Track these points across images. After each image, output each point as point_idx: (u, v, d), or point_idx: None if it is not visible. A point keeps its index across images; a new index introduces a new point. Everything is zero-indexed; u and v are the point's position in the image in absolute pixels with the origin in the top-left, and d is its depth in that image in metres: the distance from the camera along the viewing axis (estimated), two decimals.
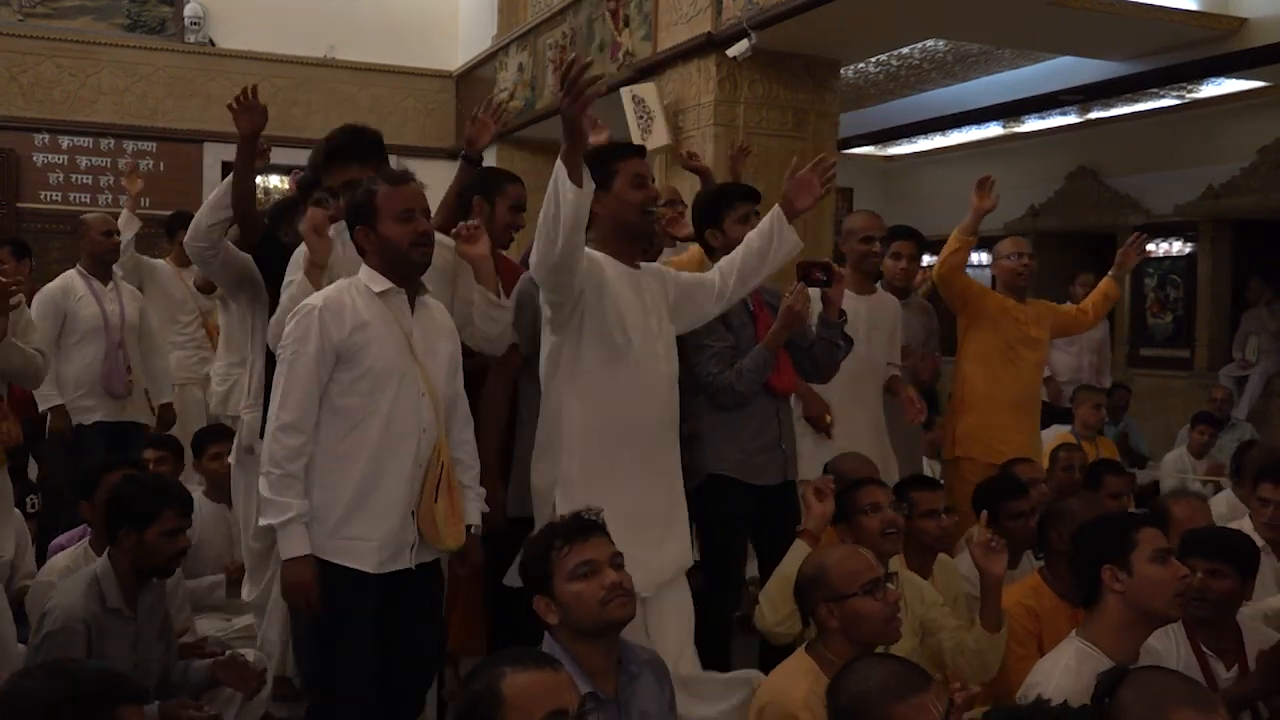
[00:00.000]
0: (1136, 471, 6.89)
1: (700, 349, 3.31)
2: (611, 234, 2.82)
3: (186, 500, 2.95)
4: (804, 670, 2.34)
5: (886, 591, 2.39)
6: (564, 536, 2.18)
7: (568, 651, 2.13)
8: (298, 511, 2.52)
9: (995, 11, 6.21)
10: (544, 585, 2.16)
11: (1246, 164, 8.77)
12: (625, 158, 2.83)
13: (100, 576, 2.81)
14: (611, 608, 2.12)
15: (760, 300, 3.44)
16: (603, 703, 2.13)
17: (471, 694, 1.72)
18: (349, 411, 2.57)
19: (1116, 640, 2.39)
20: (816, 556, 2.51)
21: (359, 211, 2.66)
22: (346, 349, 2.56)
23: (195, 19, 10.67)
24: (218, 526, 4.07)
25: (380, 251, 2.64)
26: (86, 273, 4.86)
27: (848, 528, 2.99)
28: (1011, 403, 4.25)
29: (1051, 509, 3.26)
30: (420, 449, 2.62)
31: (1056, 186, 10.29)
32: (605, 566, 2.15)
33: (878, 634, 2.38)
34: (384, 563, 2.58)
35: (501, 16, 10.77)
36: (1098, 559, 2.44)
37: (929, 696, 1.86)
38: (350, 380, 2.57)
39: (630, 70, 7.55)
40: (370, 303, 2.61)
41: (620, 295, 2.75)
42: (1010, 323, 4.26)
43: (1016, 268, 4.33)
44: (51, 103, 10.15)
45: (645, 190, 2.81)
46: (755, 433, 3.33)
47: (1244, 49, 6.27)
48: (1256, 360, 8.54)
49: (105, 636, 2.74)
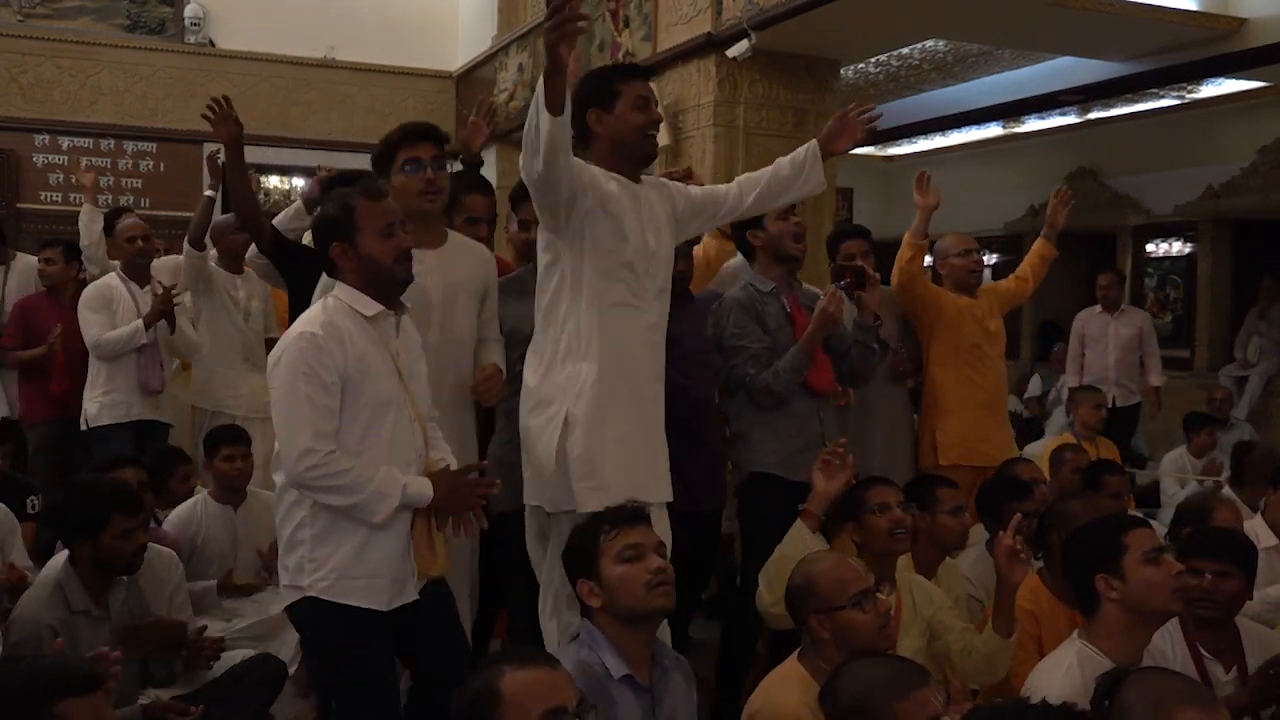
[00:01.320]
0: (1136, 471, 6.89)
1: (738, 350, 3.36)
2: (610, 153, 2.81)
3: (132, 499, 2.91)
4: (795, 678, 2.32)
5: (876, 603, 2.36)
6: (612, 521, 2.27)
7: (607, 636, 2.20)
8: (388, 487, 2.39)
9: (995, 11, 6.21)
10: (589, 568, 2.23)
11: (1246, 164, 8.77)
12: (629, 79, 2.81)
13: (62, 581, 2.80)
14: (655, 594, 2.19)
15: (798, 303, 3.47)
16: (639, 689, 2.19)
17: (471, 692, 1.72)
18: (347, 445, 2.42)
19: (1119, 643, 2.39)
20: (805, 566, 2.46)
21: (335, 226, 2.48)
22: (349, 375, 2.42)
23: (195, 19, 10.67)
24: (223, 528, 4.07)
25: (362, 269, 2.47)
26: (124, 276, 5.03)
27: (856, 527, 2.99)
28: (983, 402, 4.21)
29: (1052, 510, 3.26)
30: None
31: (1056, 187, 10.24)
32: (651, 552, 2.23)
33: (868, 645, 2.34)
34: (393, 599, 2.47)
35: (501, 16, 10.77)
36: (1090, 568, 2.43)
37: (929, 691, 1.86)
38: (350, 414, 2.42)
39: None
40: (361, 329, 2.46)
41: (624, 209, 2.75)
42: (970, 322, 4.20)
43: (968, 265, 4.26)
44: (51, 103, 10.15)
45: (647, 113, 2.79)
46: (796, 431, 3.36)
47: (1244, 49, 6.27)
48: (1257, 360, 8.53)
49: (75, 639, 2.69)
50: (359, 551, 2.43)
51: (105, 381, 4.89)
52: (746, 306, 3.40)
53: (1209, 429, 6.54)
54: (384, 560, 2.45)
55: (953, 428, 4.16)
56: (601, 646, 2.19)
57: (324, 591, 2.42)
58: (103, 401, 4.88)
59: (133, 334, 4.81)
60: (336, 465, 2.37)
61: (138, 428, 4.91)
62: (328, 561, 2.42)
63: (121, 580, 2.92)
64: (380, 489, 2.38)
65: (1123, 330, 6.76)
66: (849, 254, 3.92)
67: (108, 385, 4.88)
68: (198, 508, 4.09)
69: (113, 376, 4.88)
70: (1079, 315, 7.07)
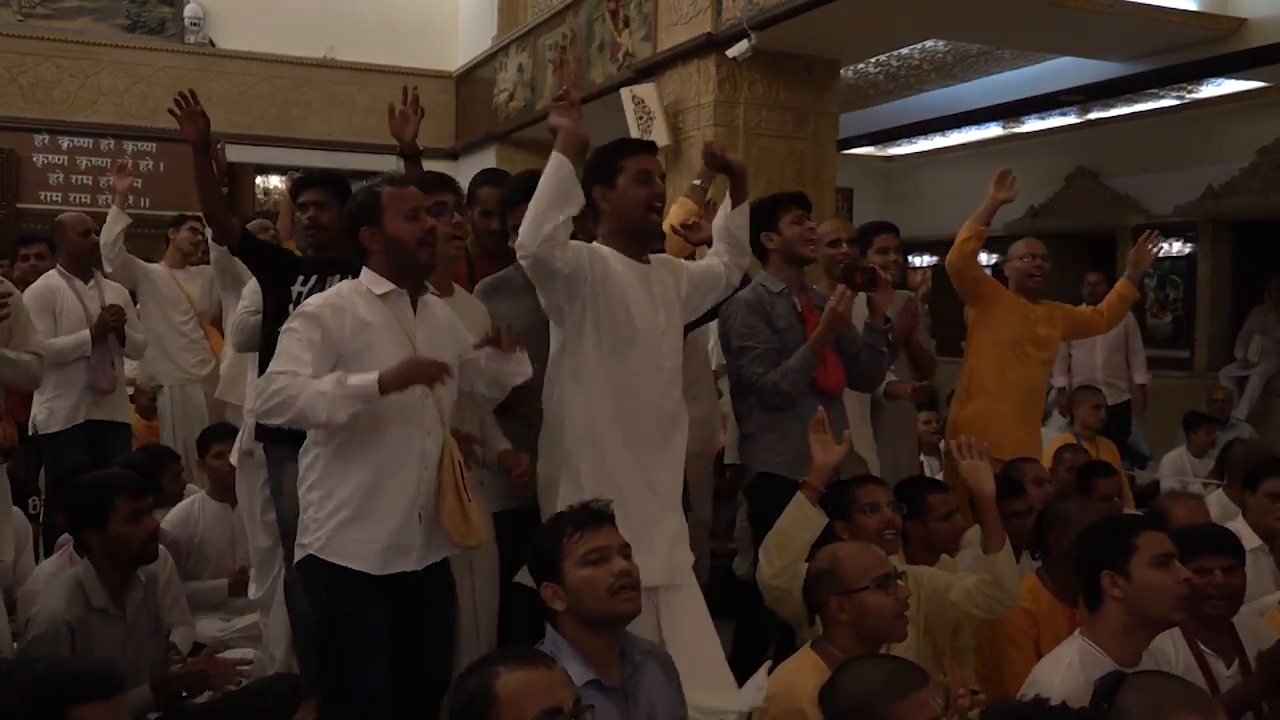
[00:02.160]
0: (1136, 471, 6.89)
1: (744, 350, 3.36)
2: (617, 231, 2.82)
3: (134, 482, 2.92)
4: (810, 666, 2.36)
5: (898, 588, 2.41)
6: (575, 524, 2.21)
7: (571, 641, 2.15)
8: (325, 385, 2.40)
9: (995, 11, 6.21)
10: (553, 571, 2.18)
11: (1246, 164, 8.77)
12: (631, 154, 2.81)
13: (82, 578, 2.81)
14: (619, 600, 2.14)
15: (810, 303, 3.48)
16: (608, 691, 2.14)
17: (465, 694, 1.72)
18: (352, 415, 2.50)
19: (1119, 642, 2.39)
20: (830, 550, 2.52)
21: (363, 213, 2.63)
22: (349, 351, 2.52)
23: (195, 19, 10.68)
24: (220, 526, 4.08)
25: (387, 250, 2.60)
26: (67, 273, 4.83)
27: (845, 525, 3.00)
28: (1015, 399, 4.23)
29: (1050, 511, 3.25)
30: (427, 451, 2.58)
31: (1056, 187, 10.29)
32: (615, 554, 2.18)
33: (886, 630, 2.39)
34: (387, 564, 2.55)
35: (501, 17, 10.78)
36: (1097, 564, 2.44)
37: (928, 693, 1.87)
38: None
39: (630, 71, 7.56)
40: (372, 305, 2.58)
41: (628, 289, 2.75)
42: (1020, 320, 4.24)
43: (1029, 269, 4.29)
44: (51, 103, 10.16)
45: (650, 187, 2.79)
46: (805, 432, 3.35)
47: (1244, 49, 6.28)
48: (1258, 360, 8.53)
49: (91, 637, 2.72)
50: (356, 514, 2.51)
51: (54, 386, 4.59)
52: (755, 307, 3.41)
53: (1206, 427, 6.55)
54: (380, 526, 2.52)
55: (975, 409, 4.19)
56: (564, 654, 2.14)
57: (320, 550, 2.53)
58: (51, 407, 4.62)
59: (76, 345, 4.60)
60: (277, 383, 2.43)
61: (90, 429, 4.69)
62: (326, 522, 2.52)
63: (139, 580, 2.93)
64: (318, 388, 2.40)
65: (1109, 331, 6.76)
66: (882, 247, 4.04)
67: (55, 390, 4.61)
68: (195, 507, 4.10)
69: (61, 380, 4.61)
70: None
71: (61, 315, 4.71)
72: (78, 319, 4.73)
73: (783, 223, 3.43)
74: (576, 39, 8.58)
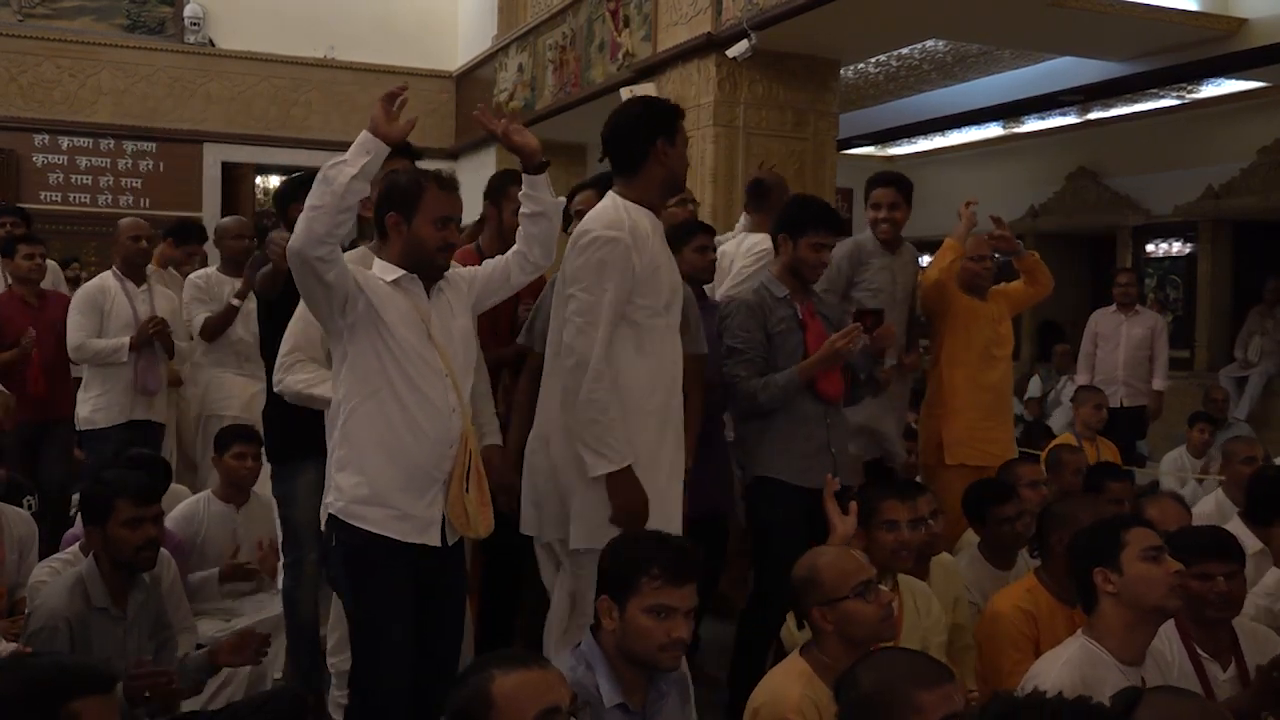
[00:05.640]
0: (1136, 470, 6.88)
1: (733, 351, 3.38)
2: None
3: (143, 488, 2.90)
4: (798, 673, 2.33)
5: (878, 593, 2.39)
6: (663, 570, 2.18)
7: (608, 660, 2.19)
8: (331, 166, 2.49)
9: (995, 11, 6.21)
10: (618, 595, 2.19)
11: (1246, 164, 8.77)
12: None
13: (85, 576, 2.81)
14: (665, 656, 2.18)
15: (811, 310, 3.48)
16: (631, 715, 2.20)
17: (461, 699, 1.71)
18: (368, 376, 2.53)
19: (1120, 640, 2.39)
20: (808, 559, 2.49)
21: (399, 198, 2.59)
22: (363, 306, 2.50)
23: (195, 19, 10.68)
24: (223, 526, 4.07)
25: (407, 245, 2.59)
26: (120, 275, 4.99)
27: (863, 534, 2.99)
28: (989, 404, 4.27)
29: (1051, 511, 3.22)
30: (450, 429, 2.58)
31: (1056, 187, 10.29)
32: (680, 618, 2.18)
33: (872, 635, 2.37)
34: (410, 532, 2.56)
35: (501, 17, 10.78)
36: (1089, 563, 2.45)
37: (952, 687, 1.84)
38: (368, 341, 2.53)
39: (630, 70, 7.56)
40: (385, 286, 2.58)
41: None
42: (983, 323, 4.28)
43: (979, 270, 4.32)
44: (51, 103, 10.16)
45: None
46: (806, 436, 3.37)
47: (1244, 49, 6.27)
48: (1258, 360, 8.52)
49: (90, 635, 2.72)
50: (371, 479, 2.53)
51: (100, 383, 4.83)
52: (754, 309, 3.41)
53: (1201, 425, 6.54)
54: (391, 491, 2.53)
55: (959, 427, 4.21)
56: (599, 669, 2.19)
57: (340, 511, 2.56)
58: (95, 404, 4.82)
59: (115, 350, 4.77)
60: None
61: (130, 428, 4.84)
62: (345, 486, 2.56)
63: (143, 582, 2.93)
64: (326, 170, 2.47)
65: (1135, 330, 6.74)
66: (876, 202, 4.18)
67: (102, 387, 4.82)
68: (200, 505, 4.10)
69: (108, 378, 4.82)
70: (1094, 314, 7.05)
71: (110, 315, 4.87)
72: (126, 321, 4.88)
73: (804, 240, 3.41)
74: (577, 39, 8.58)
